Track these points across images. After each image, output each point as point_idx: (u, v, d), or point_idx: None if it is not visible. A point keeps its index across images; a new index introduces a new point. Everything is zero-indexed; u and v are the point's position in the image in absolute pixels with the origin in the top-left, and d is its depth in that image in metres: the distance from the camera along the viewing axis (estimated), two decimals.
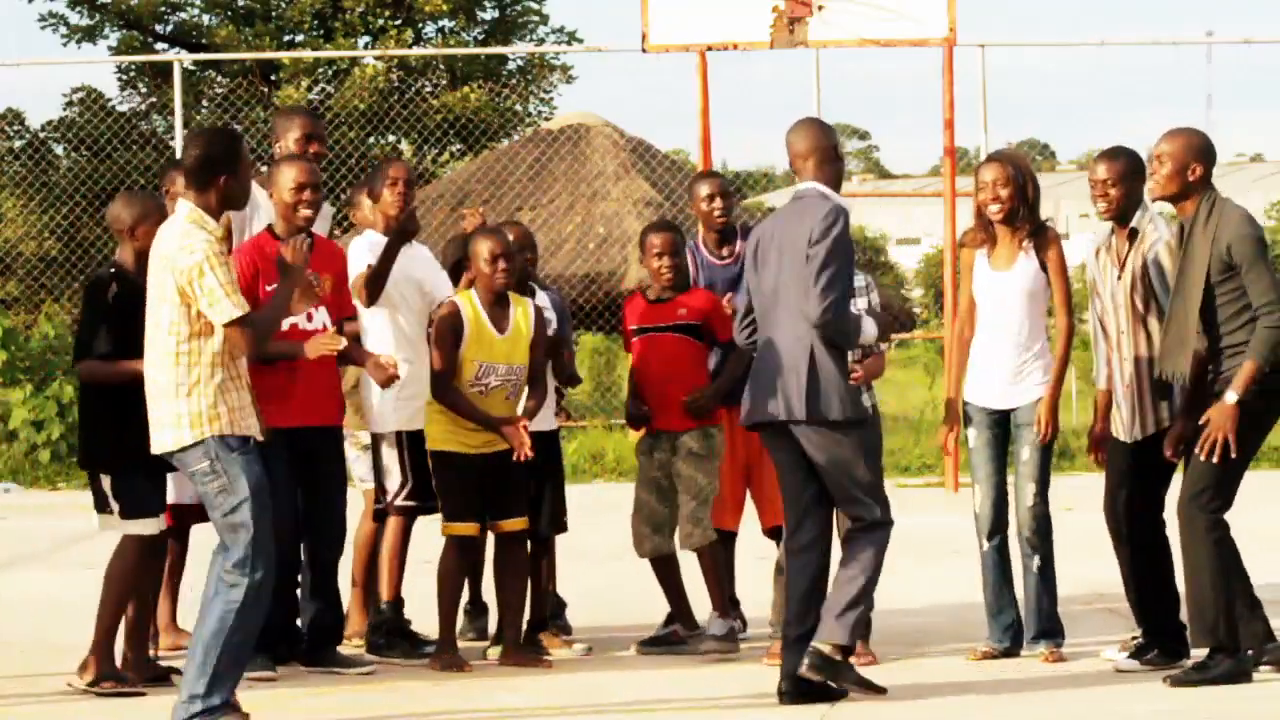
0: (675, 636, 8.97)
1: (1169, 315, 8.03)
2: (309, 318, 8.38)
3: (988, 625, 8.73)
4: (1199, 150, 8.03)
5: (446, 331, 8.55)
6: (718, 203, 9.09)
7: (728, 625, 8.80)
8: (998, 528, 8.71)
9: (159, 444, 7.27)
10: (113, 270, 8.10)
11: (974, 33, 21.35)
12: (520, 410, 8.64)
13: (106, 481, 8.02)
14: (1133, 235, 8.35)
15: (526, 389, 8.71)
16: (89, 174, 23.35)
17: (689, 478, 8.80)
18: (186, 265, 7.11)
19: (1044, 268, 8.62)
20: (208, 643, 7.11)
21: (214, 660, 7.09)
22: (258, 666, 8.17)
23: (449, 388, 8.54)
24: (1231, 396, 7.82)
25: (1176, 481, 8.29)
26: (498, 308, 8.61)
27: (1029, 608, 8.65)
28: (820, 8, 15.22)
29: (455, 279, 9.12)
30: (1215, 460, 7.80)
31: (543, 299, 9.03)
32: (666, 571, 8.93)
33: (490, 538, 8.77)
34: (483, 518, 8.63)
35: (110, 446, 7.98)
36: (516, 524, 8.67)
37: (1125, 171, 8.36)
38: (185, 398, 7.16)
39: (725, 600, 8.86)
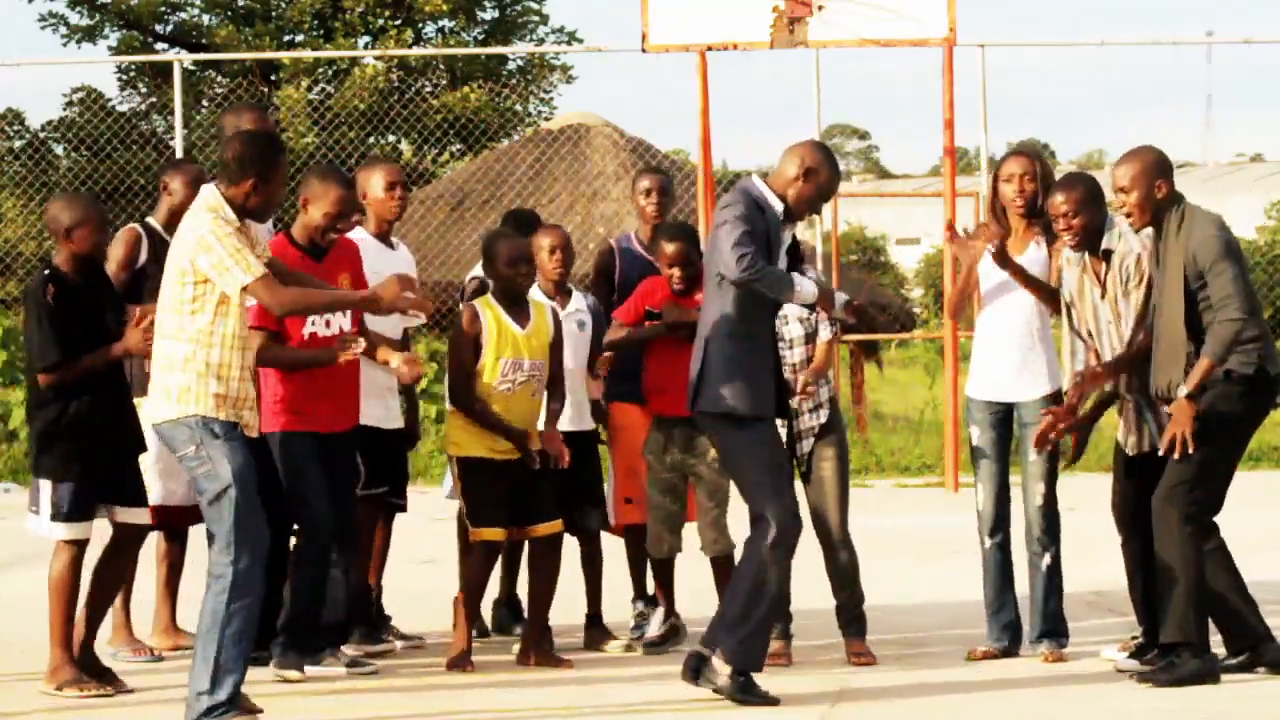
0: (674, 628, 9.01)
1: (1156, 331, 8.02)
2: (327, 323, 8.33)
3: (987, 624, 8.73)
4: (1158, 167, 8.02)
5: (467, 338, 8.57)
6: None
7: None
8: (999, 525, 8.70)
9: (151, 414, 7.37)
10: (47, 272, 8.03)
11: (974, 33, 21.41)
12: (541, 423, 8.67)
13: (48, 486, 8.01)
14: (1107, 256, 8.33)
15: (546, 394, 8.73)
16: (89, 174, 23.33)
17: (710, 481, 8.76)
18: (191, 242, 7.20)
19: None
20: (205, 636, 7.13)
21: (213, 653, 7.10)
22: (317, 661, 8.31)
23: (471, 395, 8.56)
24: (1181, 391, 7.84)
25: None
26: (516, 307, 8.64)
27: (1034, 606, 8.64)
28: (820, 8, 15.22)
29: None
30: (1175, 458, 7.84)
31: (579, 301, 9.10)
32: (670, 571, 8.97)
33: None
34: (510, 522, 8.62)
35: (58, 454, 7.97)
36: (550, 528, 8.68)
37: (1084, 198, 8.30)
38: (180, 372, 7.22)
39: None
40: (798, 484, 8.38)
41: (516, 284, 8.62)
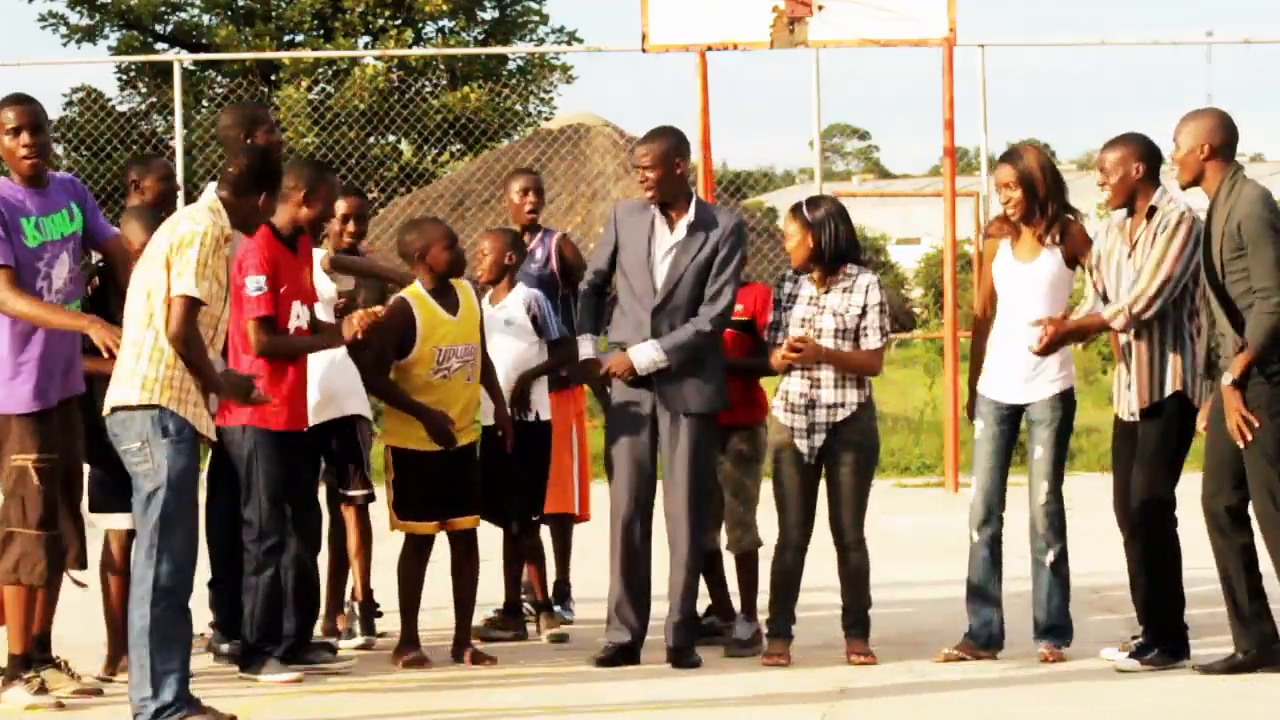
0: (714, 627, 9.07)
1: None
2: (297, 316, 8.38)
3: (967, 619, 8.67)
4: (1208, 130, 8.12)
5: (393, 326, 8.55)
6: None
7: (753, 629, 8.93)
8: (988, 520, 8.61)
9: (110, 398, 7.21)
10: (99, 263, 8.20)
11: (974, 33, 21.27)
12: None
13: (87, 470, 8.12)
14: (1151, 213, 8.34)
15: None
16: (89, 174, 23.29)
17: (735, 480, 8.81)
18: (183, 232, 7.17)
19: (1069, 263, 8.56)
20: (135, 645, 7.10)
21: (147, 658, 7.05)
22: (281, 670, 8.28)
23: (378, 379, 8.60)
24: (1227, 379, 7.88)
25: (1186, 478, 8.31)
26: (444, 293, 8.67)
27: (1038, 603, 8.59)
28: (820, 8, 15.21)
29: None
30: (1249, 440, 7.88)
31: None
32: (711, 565, 9.01)
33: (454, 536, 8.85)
34: (439, 515, 8.69)
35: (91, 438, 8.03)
36: (469, 522, 8.74)
37: (1122, 158, 8.37)
38: (146, 360, 7.12)
39: (754, 605, 8.98)
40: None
41: (454, 270, 8.69)
